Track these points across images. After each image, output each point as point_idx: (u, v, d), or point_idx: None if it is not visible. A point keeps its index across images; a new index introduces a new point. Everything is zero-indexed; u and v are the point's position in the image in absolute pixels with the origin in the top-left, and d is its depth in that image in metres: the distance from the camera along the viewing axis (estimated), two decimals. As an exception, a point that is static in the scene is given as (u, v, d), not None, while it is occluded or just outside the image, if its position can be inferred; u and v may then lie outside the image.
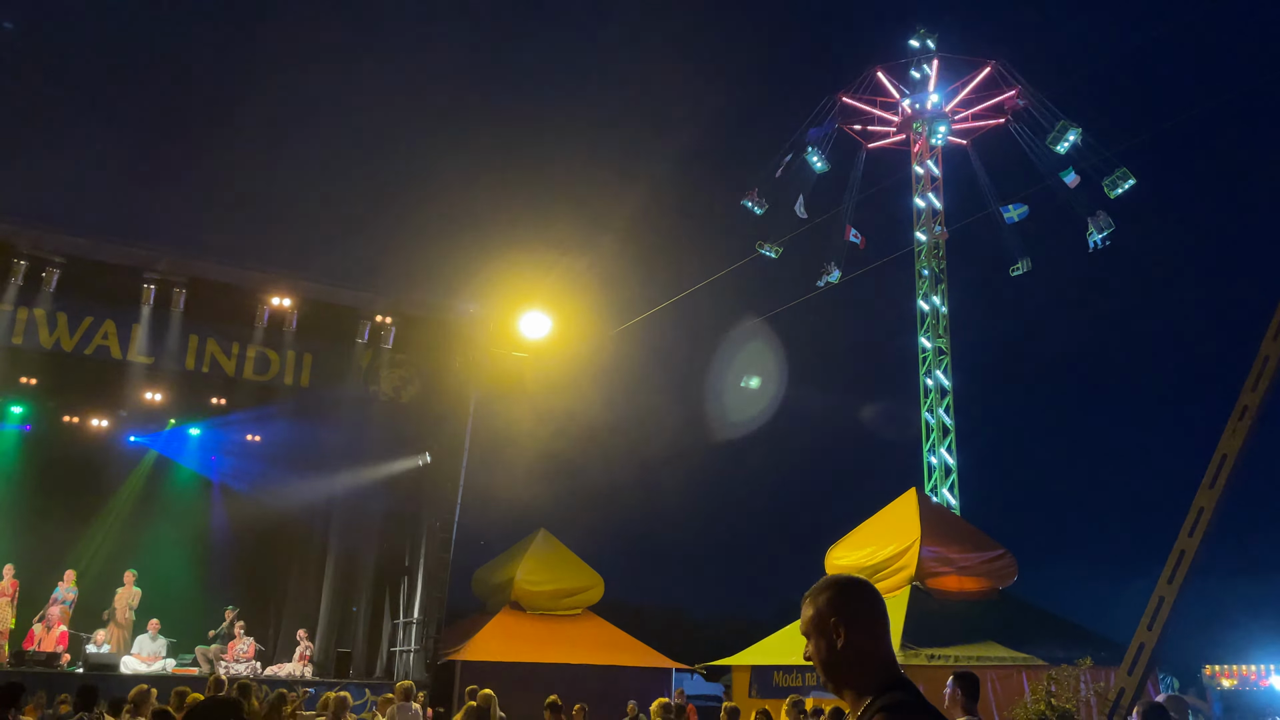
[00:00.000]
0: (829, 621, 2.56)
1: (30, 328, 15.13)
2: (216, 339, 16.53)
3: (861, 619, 2.55)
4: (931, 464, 26.07)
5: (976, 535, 14.77)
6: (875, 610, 2.57)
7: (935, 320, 26.90)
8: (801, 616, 2.66)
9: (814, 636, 2.60)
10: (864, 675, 2.52)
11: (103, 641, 16.08)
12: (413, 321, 17.86)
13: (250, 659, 16.45)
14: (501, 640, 17.75)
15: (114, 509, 18.23)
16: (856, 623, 2.54)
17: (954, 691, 6.77)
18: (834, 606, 2.56)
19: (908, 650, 11.94)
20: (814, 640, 2.60)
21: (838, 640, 2.55)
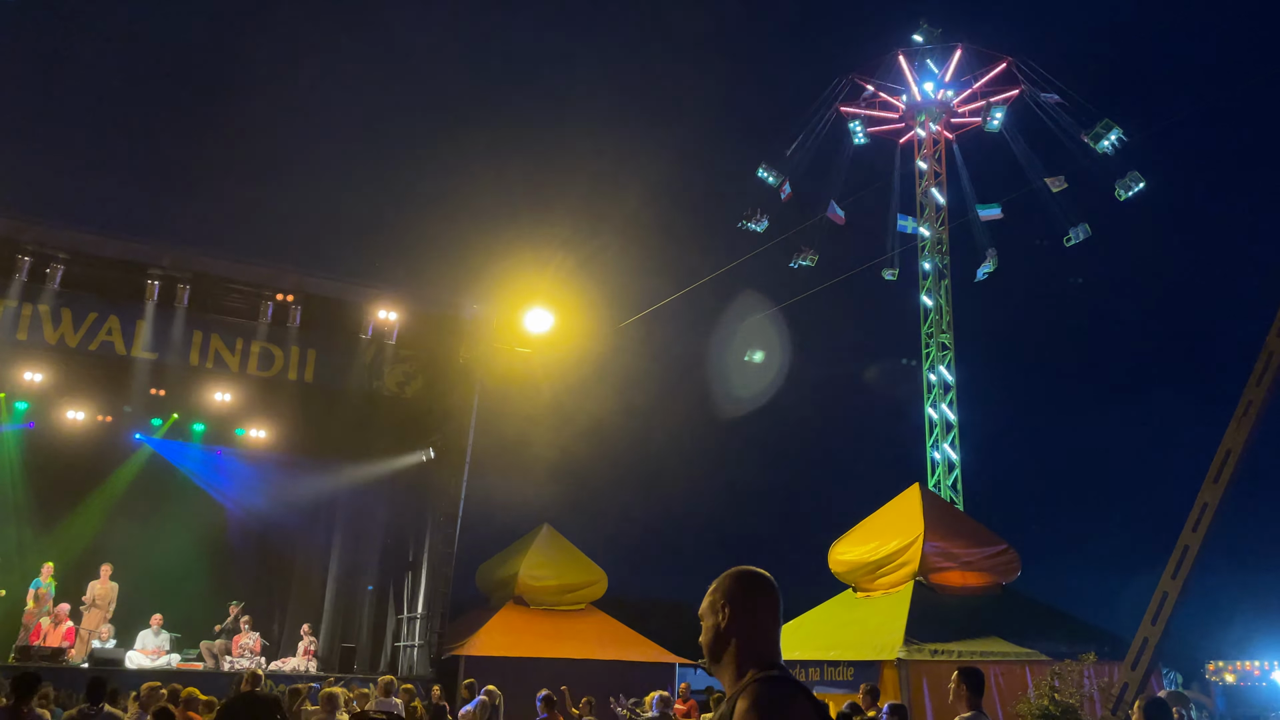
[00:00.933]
0: (718, 604, 2.63)
1: (34, 323, 15.16)
2: (220, 334, 16.56)
3: (747, 605, 2.60)
4: (935, 459, 26.08)
5: (980, 530, 14.78)
6: (762, 599, 2.62)
7: (938, 315, 26.89)
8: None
9: (705, 619, 2.67)
10: (742, 658, 2.57)
11: (107, 637, 16.12)
12: (417, 317, 17.87)
13: (256, 654, 16.50)
14: (505, 635, 17.78)
15: (117, 505, 18.26)
16: (742, 608, 2.59)
17: (958, 686, 6.76)
18: (724, 592, 2.63)
19: (911, 645, 11.95)
20: (704, 622, 2.67)
21: (721, 622, 2.62)
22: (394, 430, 18.37)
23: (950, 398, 26.37)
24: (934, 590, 13.58)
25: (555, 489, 24.95)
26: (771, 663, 2.55)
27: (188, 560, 18.59)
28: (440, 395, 18.27)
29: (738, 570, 2.70)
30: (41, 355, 15.71)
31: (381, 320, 17.44)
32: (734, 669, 2.60)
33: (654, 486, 31.95)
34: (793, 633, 14.82)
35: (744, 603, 2.62)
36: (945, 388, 26.44)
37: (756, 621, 2.61)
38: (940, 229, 27.53)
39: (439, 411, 18.32)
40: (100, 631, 16.17)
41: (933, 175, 27.94)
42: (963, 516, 16.95)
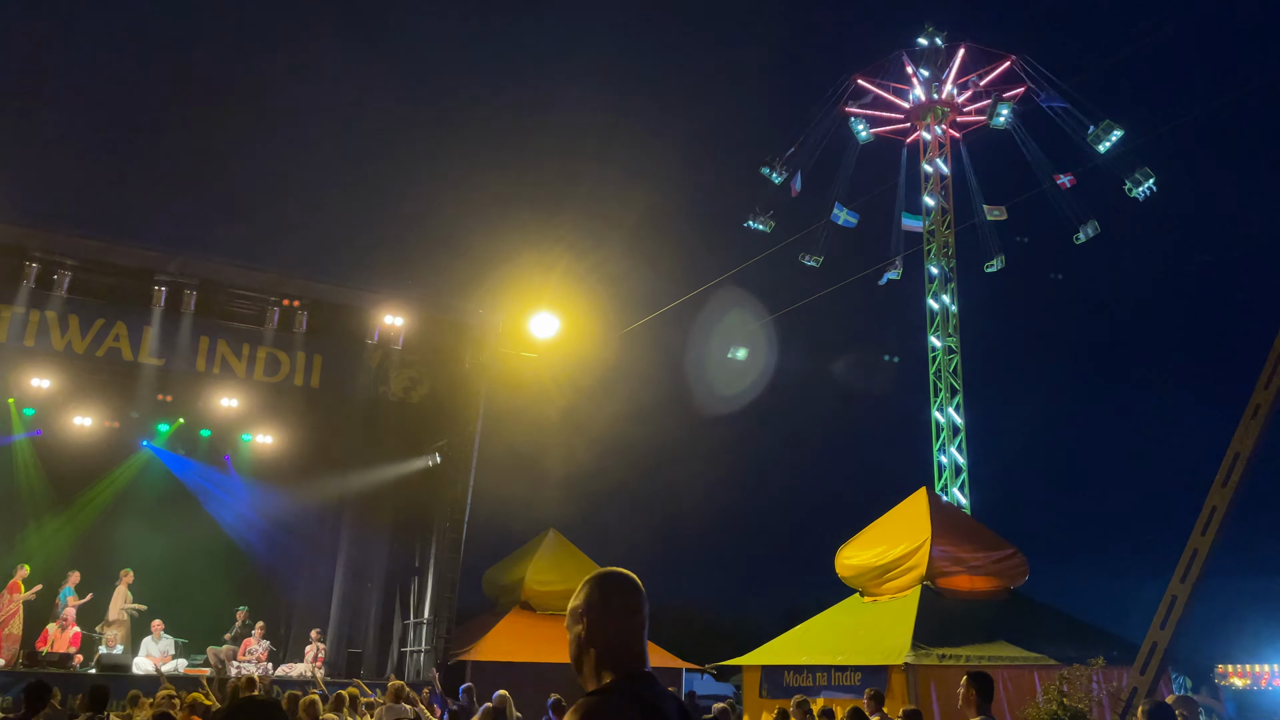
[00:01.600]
0: (578, 613, 2.56)
1: (42, 330, 15.21)
2: (227, 340, 16.58)
3: (606, 611, 2.52)
4: (942, 463, 26.01)
5: (987, 534, 14.72)
6: (620, 602, 2.53)
7: (945, 319, 26.83)
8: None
9: (569, 629, 2.60)
10: (601, 667, 2.48)
11: (115, 643, 16.14)
12: (423, 322, 17.88)
13: (263, 660, 16.49)
14: (512, 640, 17.77)
15: (123, 511, 18.31)
16: (601, 615, 2.51)
17: (968, 692, 6.72)
18: (584, 599, 2.55)
19: (919, 650, 11.90)
20: (569, 633, 2.60)
21: (582, 631, 2.54)
22: (400, 435, 18.38)
23: (957, 401, 26.31)
24: (941, 595, 13.54)
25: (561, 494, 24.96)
26: (632, 670, 2.47)
27: (194, 566, 18.61)
28: (446, 401, 18.28)
29: (598, 575, 2.62)
30: (49, 361, 15.74)
31: (388, 326, 17.45)
32: (595, 679, 2.51)
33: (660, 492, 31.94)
34: (800, 637, 14.79)
35: (603, 609, 2.53)
36: (952, 390, 26.38)
37: (616, 627, 2.52)
38: (946, 232, 27.50)
39: (445, 417, 18.33)
40: (108, 638, 16.19)
41: (938, 179, 27.90)
42: (970, 520, 16.91)
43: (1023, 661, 12.25)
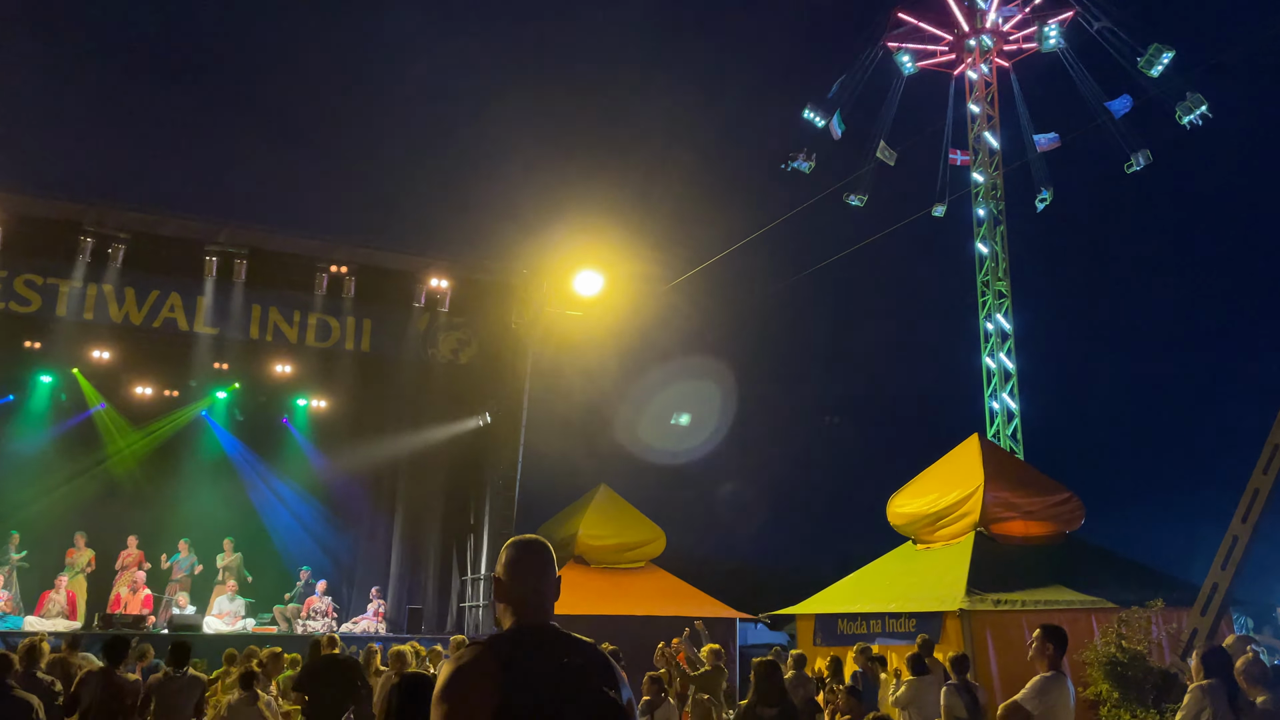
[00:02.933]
0: (496, 575, 2.94)
1: (100, 303, 15.59)
2: (278, 307, 16.87)
3: (511, 572, 2.89)
4: (993, 409, 25.72)
5: (1041, 479, 14.55)
6: (521, 563, 2.89)
7: (995, 263, 26.36)
8: None
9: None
10: (505, 618, 2.84)
11: (185, 604, 16.74)
12: (468, 284, 18.03)
13: (328, 616, 17.02)
14: (567, 593, 17.77)
15: (186, 478, 18.87)
16: (507, 576, 2.88)
17: (1043, 644, 6.62)
18: (498, 564, 2.93)
19: (974, 596, 11.86)
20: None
21: (496, 591, 2.94)
22: (450, 397, 18.63)
23: (1008, 346, 25.92)
24: (996, 540, 13.44)
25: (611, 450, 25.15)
26: (530, 621, 2.80)
27: (256, 529, 19.24)
28: (494, 361, 18.46)
29: (510, 541, 2.99)
30: (108, 334, 16.17)
31: (433, 288, 17.62)
32: (500, 628, 2.88)
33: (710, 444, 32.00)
34: (853, 585, 14.83)
35: (508, 571, 2.88)
36: (1003, 336, 25.98)
37: (518, 584, 2.86)
38: (994, 174, 26.89)
39: (494, 377, 18.52)
40: (179, 599, 16.80)
41: (985, 119, 27.24)
42: (1024, 465, 16.72)
43: (1079, 605, 12.14)
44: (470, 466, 19.07)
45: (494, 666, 2.61)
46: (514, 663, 2.62)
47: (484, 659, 2.63)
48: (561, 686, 2.62)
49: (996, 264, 26.31)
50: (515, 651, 2.67)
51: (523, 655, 2.66)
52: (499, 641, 2.72)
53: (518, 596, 2.85)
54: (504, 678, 2.58)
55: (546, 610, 2.87)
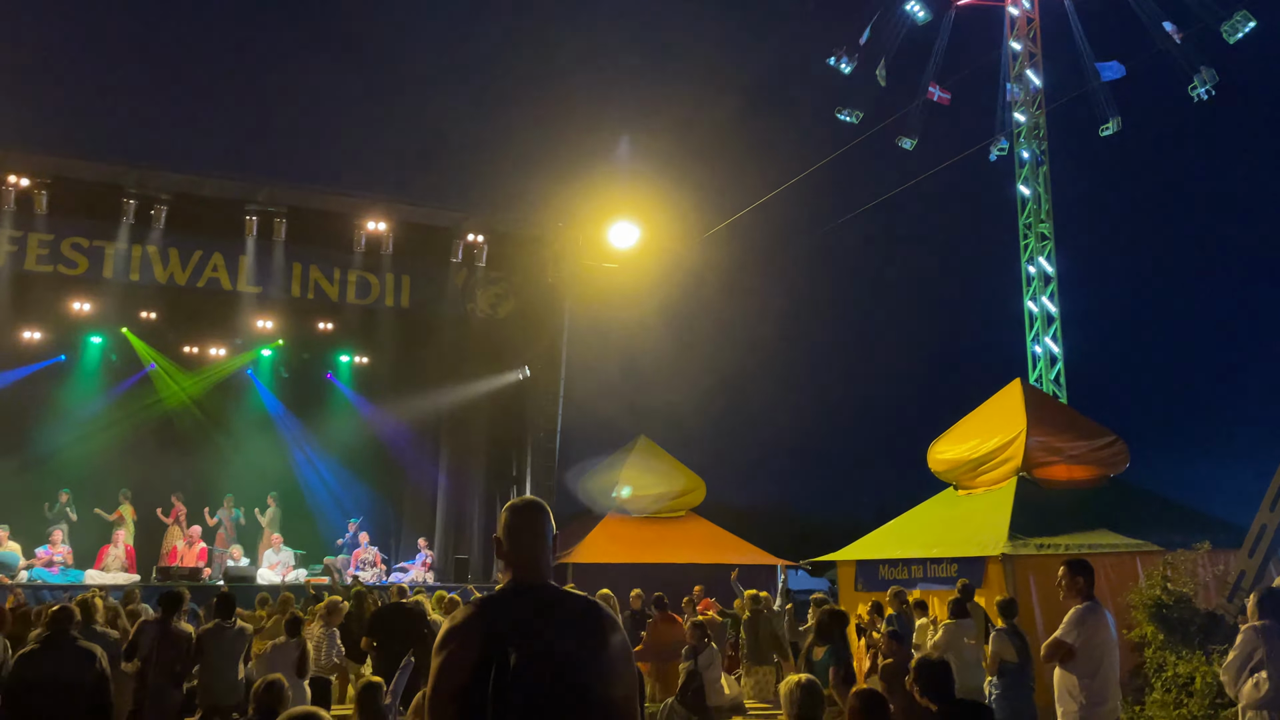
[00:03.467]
0: (495, 537, 3.14)
1: (145, 264, 15.86)
2: (319, 265, 17.05)
3: (507, 533, 3.06)
4: (1036, 353, 25.40)
5: (1085, 423, 14.38)
6: (515, 524, 3.07)
7: (1036, 205, 25.84)
8: None
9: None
10: (504, 575, 3.04)
11: (240, 557, 17.23)
12: (504, 239, 18.08)
13: (377, 566, 17.45)
14: (609, 543, 18.32)
15: (233, 436, 19.31)
16: (505, 537, 3.05)
17: (1071, 579, 6.66)
18: (498, 524, 3.11)
19: (1016, 540, 11.83)
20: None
21: (496, 550, 3.13)
22: (489, 351, 18.79)
23: (1051, 289, 25.50)
24: (1038, 485, 13.34)
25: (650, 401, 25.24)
26: (525, 579, 2.99)
27: (303, 483, 19.72)
28: (532, 315, 18.56)
29: (508, 504, 3.17)
30: (154, 294, 16.48)
31: (470, 243, 17.69)
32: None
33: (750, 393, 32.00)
34: (894, 531, 14.85)
35: (505, 532, 3.06)
36: (1045, 279, 25.56)
37: (513, 545, 3.03)
38: (1037, 113, 26.24)
39: (532, 331, 18.63)
40: (233, 551, 17.31)
41: (1027, 56, 26.51)
42: (1067, 409, 16.51)
43: (1124, 549, 12.06)
44: (511, 419, 19.28)
45: (479, 625, 2.81)
46: (499, 622, 2.82)
47: (471, 619, 2.84)
48: (545, 639, 2.78)
49: (1039, 206, 25.80)
50: (502, 610, 2.87)
51: (510, 612, 2.86)
52: (488, 602, 2.94)
53: (513, 556, 3.03)
54: (487, 634, 2.77)
55: (541, 568, 3.03)
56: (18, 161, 14.92)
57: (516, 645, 2.74)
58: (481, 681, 2.68)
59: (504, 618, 2.84)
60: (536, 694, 2.69)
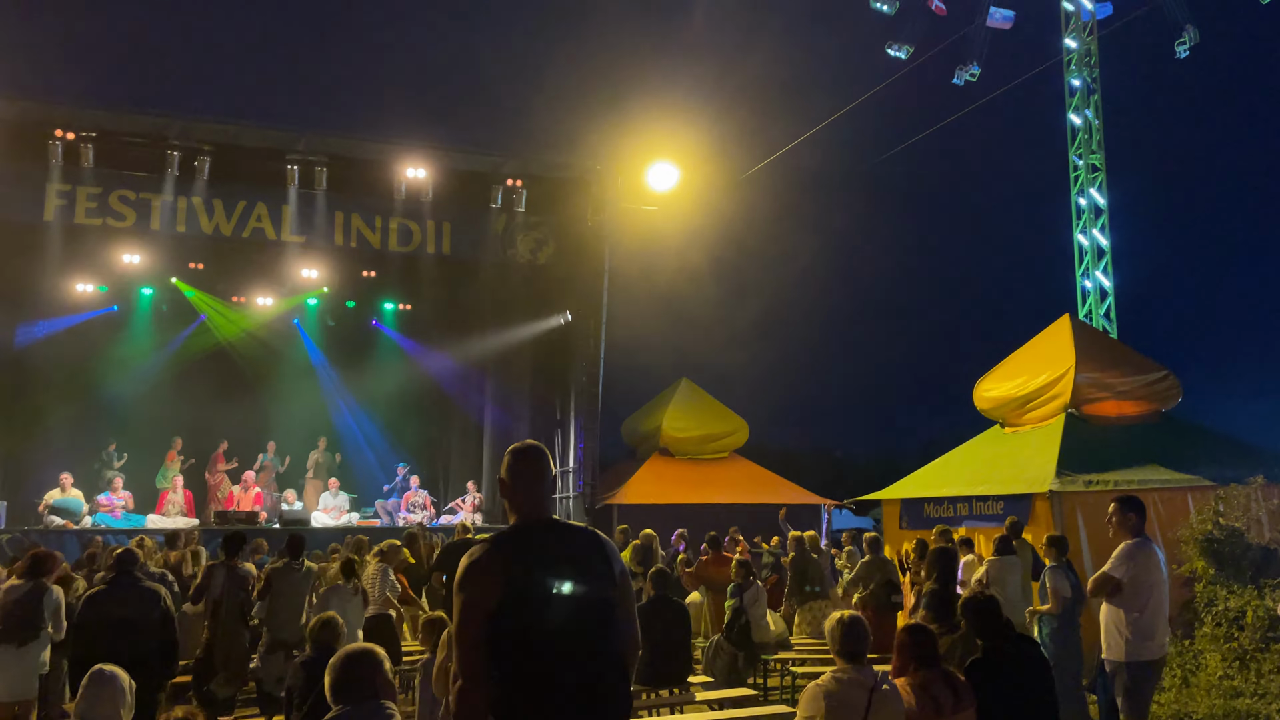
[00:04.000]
0: (500, 479, 3.34)
1: (191, 215, 16.05)
2: (360, 214, 17.14)
3: (511, 476, 3.29)
4: (1085, 288, 24.90)
5: (1136, 358, 14.10)
6: (520, 468, 3.30)
7: (1088, 135, 25.11)
8: None
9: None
10: (510, 515, 3.27)
11: (294, 500, 17.67)
12: (543, 183, 18.01)
13: (427, 509, 17.82)
14: (653, 484, 18.49)
15: (282, 383, 19.65)
16: (509, 479, 3.28)
17: (1122, 516, 6.60)
18: (502, 468, 3.33)
19: (1064, 477, 11.71)
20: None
21: (501, 493, 3.34)
22: (531, 296, 18.85)
23: (1102, 222, 24.89)
24: (1087, 421, 13.16)
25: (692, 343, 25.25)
26: (529, 519, 3.23)
27: (353, 428, 20.10)
28: (572, 259, 18.54)
29: (511, 448, 3.39)
30: (201, 245, 16.69)
31: (509, 188, 17.66)
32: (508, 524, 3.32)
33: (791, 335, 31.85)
34: (940, 469, 14.78)
35: (509, 475, 3.29)
36: (1096, 212, 24.94)
37: (519, 487, 3.26)
38: (1089, 39, 25.37)
39: (572, 275, 18.64)
40: (287, 495, 17.75)
41: (1079, -20, 25.54)
42: (1117, 345, 16.20)
43: (1175, 484, 11.88)
44: (554, 364, 19.41)
45: (499, 557, 3.05)
46: (513, 554, 3.07)
47: (490, 553, 3.06)
48: (555, 570, 3.06)
49: (1090, 136, 25.08)
50: (515, 544, 3.12)
51: (522, 547, 3.11)
52: (502, 538, 3.17)
53: (518, 496, 3.27)
54: (507, 565, 3.03)
55: (544, 506, 3.29)
56: (63, 115, 15.09)
57: (533, 573, 3.02)
58: (505, 608, 2.95)
59: (519, 550, 3.09)
60: (555, 613, 2.99)
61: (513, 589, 2.99)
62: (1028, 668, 4.85)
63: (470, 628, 2.99)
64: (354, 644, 3.26)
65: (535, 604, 2.99)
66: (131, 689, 4.23)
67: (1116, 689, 6.37)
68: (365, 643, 3.84)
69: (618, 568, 3.23)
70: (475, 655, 2.97)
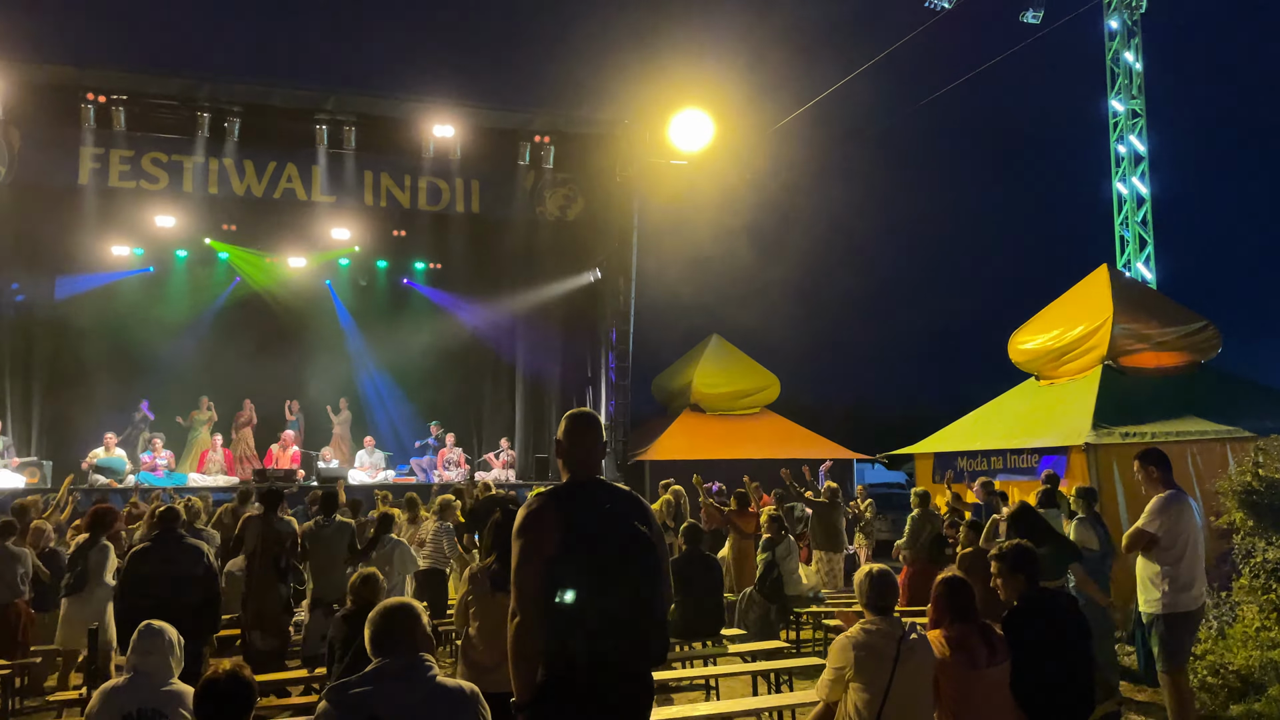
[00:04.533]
0: (555, 441, 3.72)
1: (222, 177, 16.14)
2: (389, 173, 17.14)
3: (565, 438, 3.66)
4: (1124, 237, 24.45)
5: (1175, 308, 13.86)
6: (572, 432, 3.66)
7: (1128, 79, 24.48)
8: None
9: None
10: (563, 472, 3.66)
11: (330, 458, 17.93)
12: (570, 139, 17.89)
13: (461, 466, 18.01)
14: (685, 439, 18.55)
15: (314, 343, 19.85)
16: (564, 441, 3.66)
17: (1146, 471, 6.61)
18: (560, 429, 3.70)
19: (1100, 429, 11.60)
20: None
21: (555, 452, 3.78)
22: (560, 253, 18.83)
23: (1142, 169, 24.36)
24: (1124, 373, 13.00)
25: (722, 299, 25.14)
26: (577, 477, 3.62)
27: (387, 387, 20.30)
28: (601, 216, 18.47)
29: (566, 415, 3.78)
30: (234, 207, 16.82)
31: (537, 145, 17.56)
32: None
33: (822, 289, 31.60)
34: (973, 423, 14.70)
35: (567, 438, 3.66)
36: (1136, 159, 24.40)
37: (570, 448, 3.64)
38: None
39: (602, 232, 18.58)
40: (324, 453, 18.02)
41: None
42: (1156, 295, 15.93)
43: (1214, 435, 11.73)
44: (585, 321, 19.43)
45: (555, 509, 3.44)
46: (568, 507, 3.46)
47: (548, 504, 3.46)
48: (603, 522, 3.45)
49: (1130, 81, 24.45)
50: (570, 498, 3.51)
51: (575, 501, 3.50)
52: (558, 491, 3.56)
53: (573, 457, 3.64)
54: (561, 517, 3.41)
55: (595, 467, 3.69)
56: (93, 78, 15.17)
57: (584, 524, 3.41)
58: (559, 554, 3.32)
59: (572, 504, 3.48)
60: (602, 560, 3.36)
61: (566, 537, 3.35)
62: (1065, 620, 4.85)
63: (529, 571, 3.35)
64: (393, 598, 3.32)
65: (584, 551, 3.35)
66: (180, 643, 4.34)
67: (1153, 641, 6.36)
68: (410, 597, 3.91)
69: (654, 525, 3.59)
70: (533, 595, 3.32)
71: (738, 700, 7.31)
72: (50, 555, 9.46)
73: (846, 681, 4.33)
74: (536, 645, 3.32)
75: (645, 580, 3.43)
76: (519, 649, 3.35)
